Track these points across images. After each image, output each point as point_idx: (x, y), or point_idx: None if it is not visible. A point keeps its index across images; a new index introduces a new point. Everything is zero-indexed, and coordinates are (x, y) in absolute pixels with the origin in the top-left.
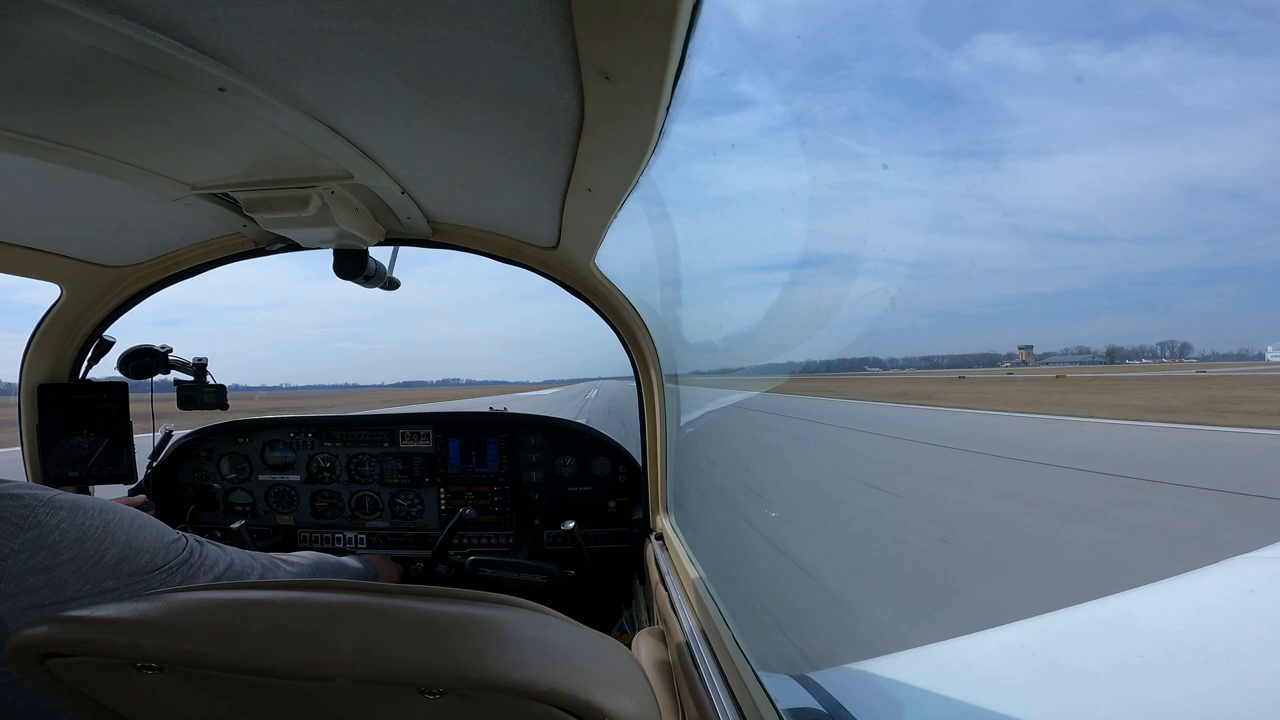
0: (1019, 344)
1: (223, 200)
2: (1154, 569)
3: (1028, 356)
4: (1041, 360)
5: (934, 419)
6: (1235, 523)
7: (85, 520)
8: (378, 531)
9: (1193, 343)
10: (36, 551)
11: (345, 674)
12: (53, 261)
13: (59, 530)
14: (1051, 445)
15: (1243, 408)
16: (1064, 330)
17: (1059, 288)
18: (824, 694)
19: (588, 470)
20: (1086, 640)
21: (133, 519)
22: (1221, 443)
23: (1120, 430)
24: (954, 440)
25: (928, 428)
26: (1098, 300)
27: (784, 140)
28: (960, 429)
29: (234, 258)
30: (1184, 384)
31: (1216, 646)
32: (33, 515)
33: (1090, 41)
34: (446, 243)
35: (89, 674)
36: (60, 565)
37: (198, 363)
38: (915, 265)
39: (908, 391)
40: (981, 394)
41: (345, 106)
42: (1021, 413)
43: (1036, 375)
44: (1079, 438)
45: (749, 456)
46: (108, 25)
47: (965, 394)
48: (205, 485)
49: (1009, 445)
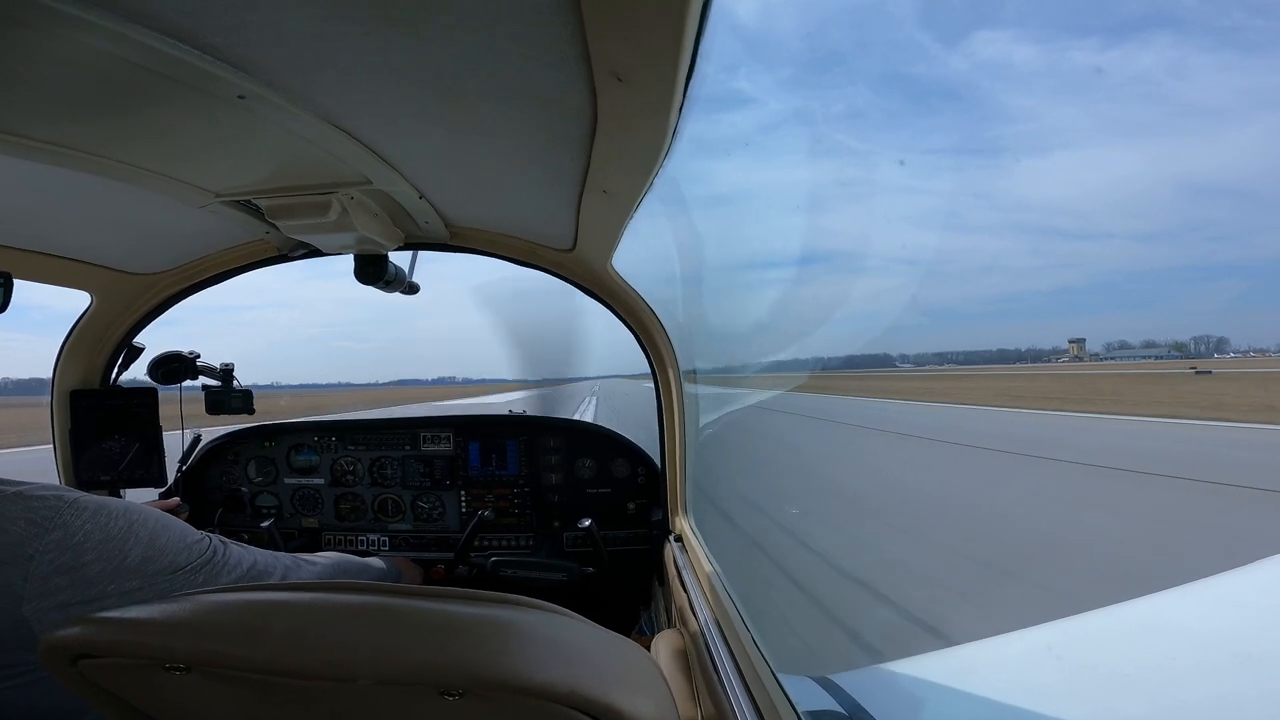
0: (1069, 337)
1: (246, 207)
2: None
3: (1080, 351)
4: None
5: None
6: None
7: (109, 521)
8: (400, 534)
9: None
10: (62, 552)
11: (366, 675)
12: (83, 270)
13: (83, 531)
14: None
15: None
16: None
17: (1057, 284)
18: (845, 696)
19: (607, 472)
20: (1114, 642)
21: (156, 520)
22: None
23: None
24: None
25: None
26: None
27: (798, 136)
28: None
29: (258, 264)
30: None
31: (1250, 648)
32: (58, 516)
33: (1089, 38)
34: (465, 246)
35: (119, 675)
36: (85, 566)
37: (225, 368)
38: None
39: (1012, 391)
40: (1115, 395)
41: (361, 111)
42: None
43: (1156, 371)
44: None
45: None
46: (125, 33)
47: (1080, 394)
48: (233, 488)
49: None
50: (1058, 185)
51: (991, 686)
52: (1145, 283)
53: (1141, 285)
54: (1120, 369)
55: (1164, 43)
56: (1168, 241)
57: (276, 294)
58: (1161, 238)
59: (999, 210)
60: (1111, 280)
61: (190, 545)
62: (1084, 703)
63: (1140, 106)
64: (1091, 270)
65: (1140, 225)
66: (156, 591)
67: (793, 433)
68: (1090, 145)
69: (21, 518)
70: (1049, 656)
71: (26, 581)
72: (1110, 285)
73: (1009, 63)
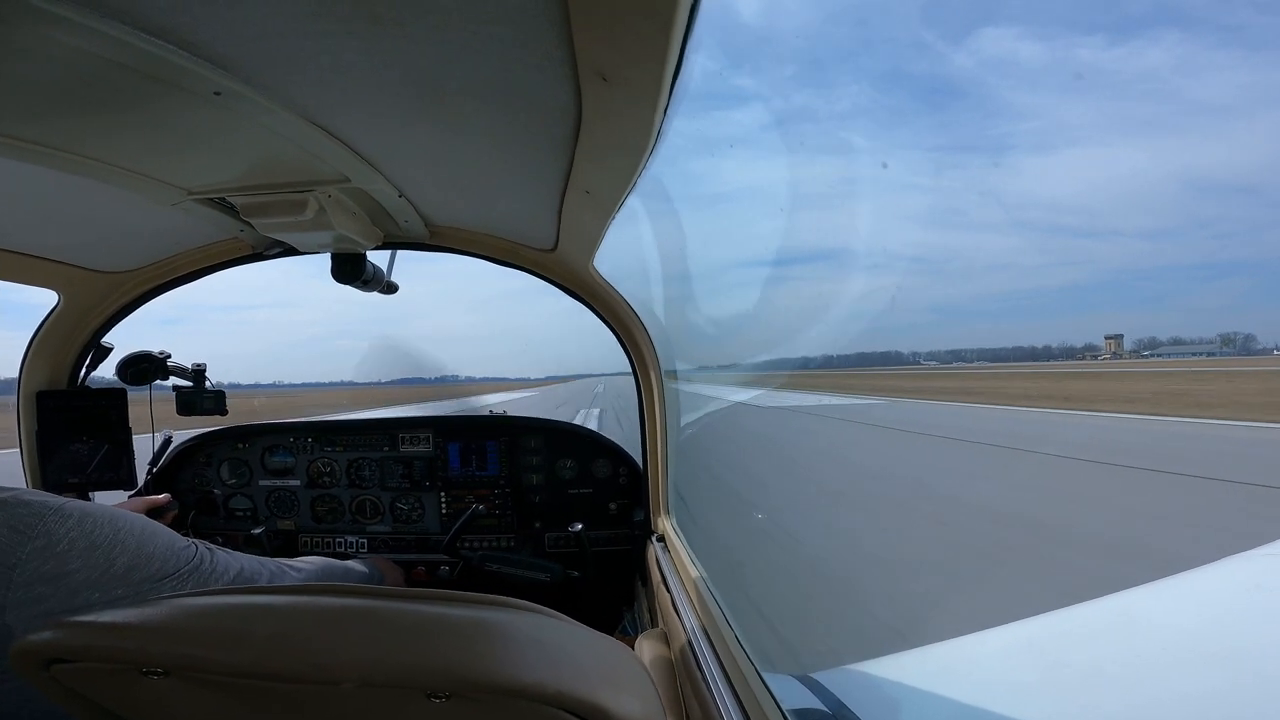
0: (1105, 334)
1: (220, 205)
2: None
3: (1117, 347)
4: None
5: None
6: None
7: (95, 529)
8: (379, 535)
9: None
10: (45, 560)
11: (351, 678)
12: (49, 268)
13: (68, 539)
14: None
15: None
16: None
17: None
18: (828, 694)
19: (588, 472)
20: (1091, 638)
21: (143, 527)
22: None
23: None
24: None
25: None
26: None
27: (785, 135)
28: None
29: (232, 263)
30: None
31: (1222, 644)
32: (41, 524)
33: (1095, 35)
34: (444, 246)
35: (94, 679)
36: (69, 574)
37: (196, 368)
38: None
39: (1075, 394)
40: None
41: (341, 110)
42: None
43: (1221, 369)
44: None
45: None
46: (101, 29)
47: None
48: (205, 491)
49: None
50: (1062, 183)
51: (972, 682)
52: (1153, 280)
53: (1149, 283)
54: (1168, 366)
55: (1171, 40)
56: (1174, 238)
57: (277, 294)
58: (1168, 235)
59: (1005, 208)
60: (1118, 278)
61: (178, 552)
62: (1063, 698)
63: (1147, 104)
64: (1100, 268)
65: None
66: (142, 599)
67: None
68: (1097, 143)
69: (4, 525)
70: (1029, 652)
71: (9, 589)
72: (1117, 283)
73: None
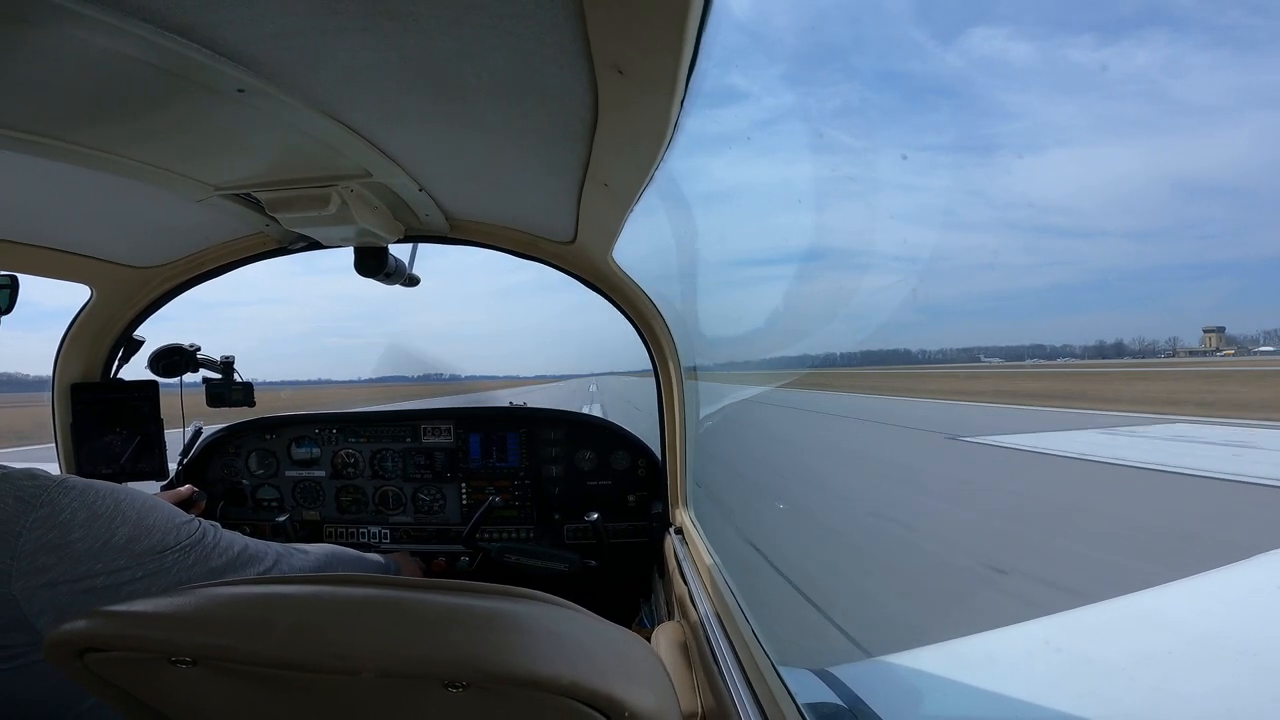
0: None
1: (245, 200)
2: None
3: (1220, 342)
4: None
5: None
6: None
7: (96, 500)
8: (401, 526)
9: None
10: (48, 529)
11: (370, 668)
12: (82, 263)
13: (70, 509)
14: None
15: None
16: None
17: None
18: (844, 689)
19: (607, 464)
20: (1112, 636)
21: (144, 500)
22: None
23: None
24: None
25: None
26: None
27: (801, 129)
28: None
29: (258, 257)
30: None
31: (1245, 642)
32: (45, 494)
33: (1085, 35)
34: (465, 239)
35: (125, 668)
36: (71, 544)
37: (225, 361)
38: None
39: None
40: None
41: (362, 105)
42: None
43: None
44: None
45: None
46: (127, 29)
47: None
48: (234, 481)
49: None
50: (1051, 183)
51: (989, 679)
52: (1139, 281)
53: (1135, 283)
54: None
55: (1160, 40)
56: (1161, 239)
57: (264, 290)
58: (1155, 236)
59: (994, 208)
60: (1105, 278)
61: (179, 526)
62: (1082, 695)
63: (1135, 104)
64: (1085, 267)
65: (1135, 223)
66: (145, 571)
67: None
68: (1086, 143)
69: (9, 495)
70: (1047, 650)
71: (14, 559)
72: (1104, 283)
73: (1005, 59)
